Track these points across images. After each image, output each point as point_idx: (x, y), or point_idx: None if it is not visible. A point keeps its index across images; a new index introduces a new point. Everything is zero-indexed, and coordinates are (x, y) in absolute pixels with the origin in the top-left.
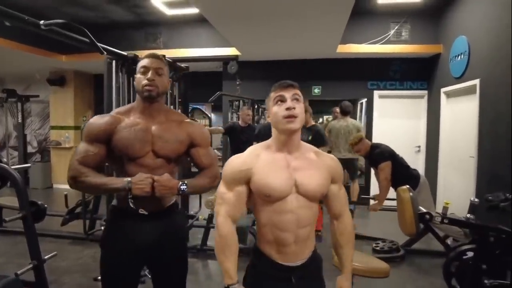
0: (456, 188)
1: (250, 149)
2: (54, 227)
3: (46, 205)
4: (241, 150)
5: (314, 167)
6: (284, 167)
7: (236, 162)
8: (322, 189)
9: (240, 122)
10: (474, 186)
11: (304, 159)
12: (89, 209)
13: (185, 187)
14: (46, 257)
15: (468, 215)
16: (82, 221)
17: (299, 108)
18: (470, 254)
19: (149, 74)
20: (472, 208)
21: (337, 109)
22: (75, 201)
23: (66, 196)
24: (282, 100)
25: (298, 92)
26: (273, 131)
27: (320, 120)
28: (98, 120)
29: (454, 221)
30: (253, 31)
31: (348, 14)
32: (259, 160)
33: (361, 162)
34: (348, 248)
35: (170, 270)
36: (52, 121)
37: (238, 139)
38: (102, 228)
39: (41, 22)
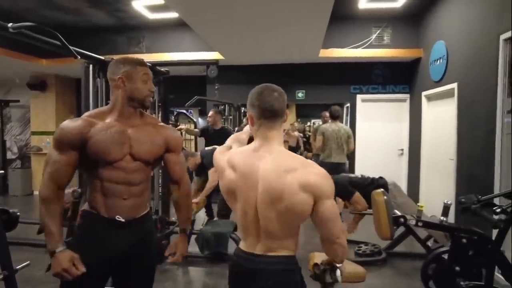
0: (437, 191)
1: None
2: (32, 236)
3: (18, 213)
4: (213, 152)
5: None
6: None
7: None
8: None
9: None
10: (454, 187)
11: None
12: (67, 216)
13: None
14: (18, 267)
15: (442, 218)
16: None
17: None
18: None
19: (150, 84)
20: (446, 210)
21: (327, 113)
22: None
23: None
24: None
25: None
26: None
27: (308, 123)
28: (69, 125)
29: (427, 224)
30: (234, 36)
31: (327, 19)
32: None
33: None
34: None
35: (140, 279)
36: (33, 127)
37: (209, 141)
38: None
39: (9, 24)
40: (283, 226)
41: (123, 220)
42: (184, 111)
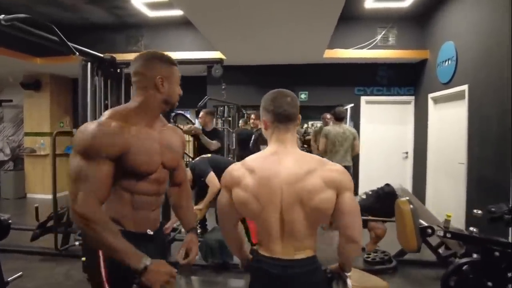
0: (445, 195)
1: None
2: (25, 242)
3: (10, 221)
4: (204, 152)
5: None
6: None
7: None
8: None
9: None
10: (465, 193)
11: None
12: (63, 222)
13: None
14: (9, 278)
15: (472, 228)
16: (53, 235)
17: None
18: (468, 267)
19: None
20: (475, 220)
21: (328, 115)
22: (47, 214)
23: (37, 208)
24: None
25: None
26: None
27: (305, 125)
28: (104, 130)
29: (457, 236)
30: (238, 34)
31: (336, 19)
32: None
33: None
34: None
35: None
36: (26, 127)
37: (200, 143)
38: (77, 243)
39: (1, 16)
40: (308, 226)
41: (152, 233)
42: (183, 112)
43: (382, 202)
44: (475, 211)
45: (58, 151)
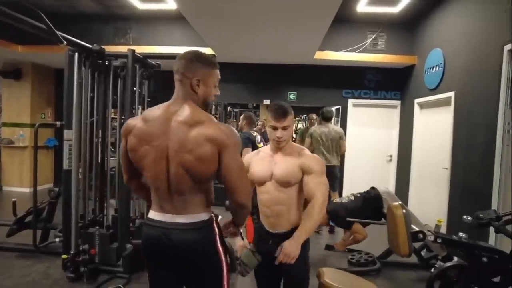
0: (428, 199)
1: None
2: (1, 238)
3: None
4: None
5: (286, 163)
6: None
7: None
8: (289, 177)
9: None
10: (447, 197)
11: (282, 157)
12: (42, 217)
13: None
14: None
15: (461, 234)
16: (32, 231)
17: (286, 135)
18: (454, 271)
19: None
20: (457, 224)
21: (314, 116)
22: (24, 209)
23: (14, 203)
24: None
25: (288, 121)
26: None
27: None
28: None
29: (447, 241)
30: (231, 32)
31: (331, 20)
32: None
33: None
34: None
35: None
36: (4, 117)
37: None
38: (57, 240)
39: None
40: None
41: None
42: None
43: (368, 206)
44: (464, 217)
45: (38, 143)
